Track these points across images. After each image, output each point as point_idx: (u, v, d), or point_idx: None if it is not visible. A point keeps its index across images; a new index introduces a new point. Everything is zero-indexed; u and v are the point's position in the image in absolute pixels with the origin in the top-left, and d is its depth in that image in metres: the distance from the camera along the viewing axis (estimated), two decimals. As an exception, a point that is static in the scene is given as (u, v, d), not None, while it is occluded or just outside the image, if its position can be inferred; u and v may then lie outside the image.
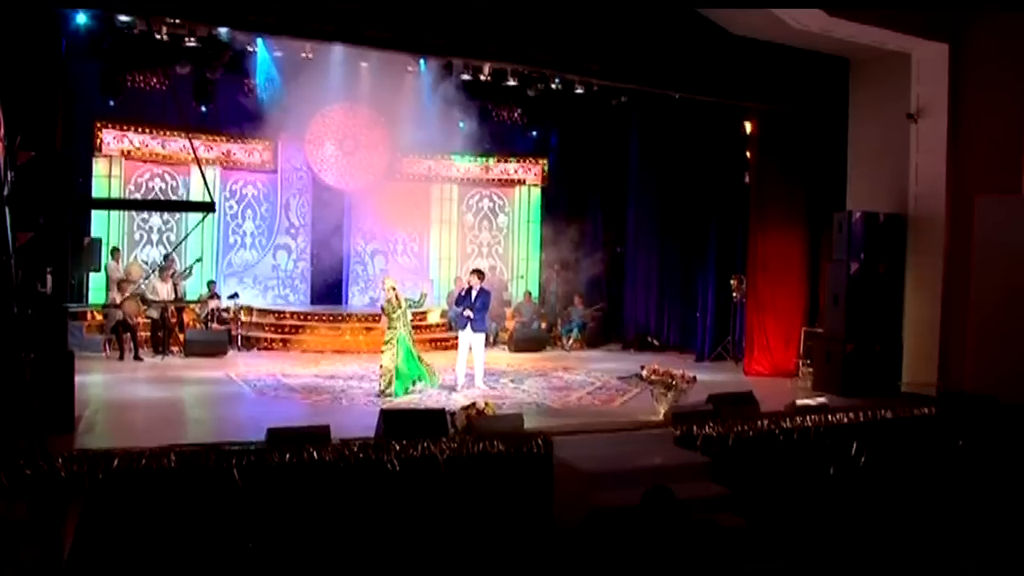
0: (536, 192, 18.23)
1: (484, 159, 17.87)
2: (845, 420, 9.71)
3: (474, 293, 11.33)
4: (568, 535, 7.38)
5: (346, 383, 11.42)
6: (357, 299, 17.29)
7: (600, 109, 15.97)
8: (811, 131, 12.49)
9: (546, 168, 18.04)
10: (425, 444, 7.49)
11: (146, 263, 14.62)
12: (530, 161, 18.10)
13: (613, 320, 16.74)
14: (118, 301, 12.56)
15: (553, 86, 14.98)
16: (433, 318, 16.14)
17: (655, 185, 15.80)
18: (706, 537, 5.89)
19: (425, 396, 10.67)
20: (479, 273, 11.63)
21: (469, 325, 11.32)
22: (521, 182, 18.20)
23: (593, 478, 7.52)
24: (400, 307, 10.93)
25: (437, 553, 7.21)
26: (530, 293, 17.09)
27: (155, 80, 14.97)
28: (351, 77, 14.99)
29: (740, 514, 7.72)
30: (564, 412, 9.96)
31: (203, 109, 14.81)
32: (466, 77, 14.52)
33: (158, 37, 12.37)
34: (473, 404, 8.55)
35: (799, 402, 9.74)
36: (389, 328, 10.90)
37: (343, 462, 7.16)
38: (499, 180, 18.21)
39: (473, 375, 11.43)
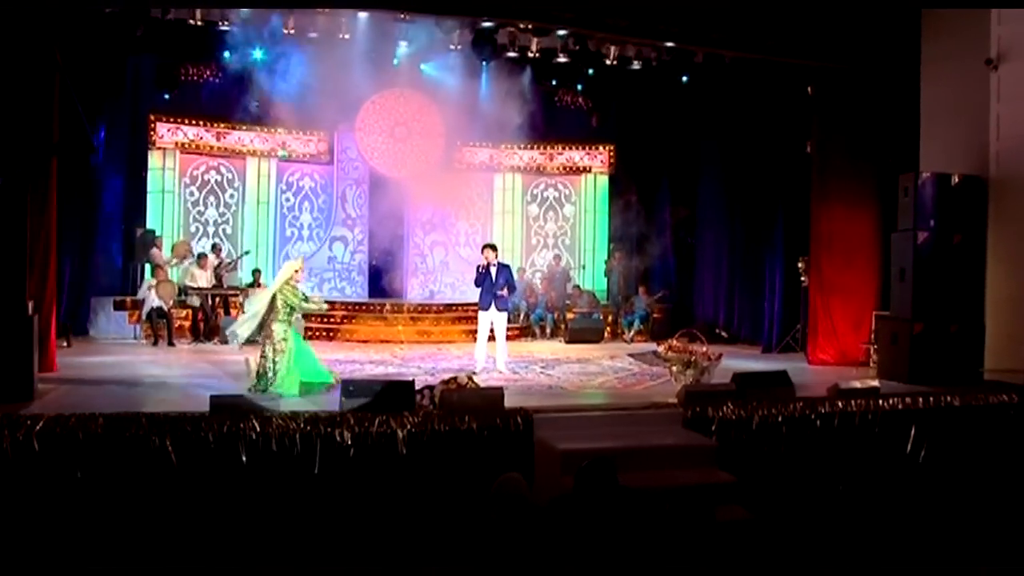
0: (603, 180, 17.32)
1: (548, 146, 17.15)
2: (900, 406, 8.42)
3: (493, 270, 10.58)
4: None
5: (360, 367, 10.86)
6: (416, 292, 16.82)
7: (662, 88, 15.04)
8: (878, 91, 11.16)
9: (612, 154, 17.09)
10: (383, 419, 6.80)
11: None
12: (596, 148, 17.23)
13: (681, 311, 15.61)
14: (153, 284, 12.45)
15: (608, 62, 14.19)
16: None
17: (721, 165, 14.66)
18: (692, 529, 4.90)
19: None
20: (493, 248, 10.87)
21: (493, 304, 10.57)
22: (587, 170, 17.35)
23: (568, 457, 6.61)
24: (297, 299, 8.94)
25: (393, 538, 6.49)
26: (578, 286, 16.17)
27: (209, 72, 14.98)
28: (391, 58, 14.54)
29: (748, 507, 6.67)
30: (574, 394, 9.05)
31: (255, 100, 14.71)
32: (512, 55, 13.87)
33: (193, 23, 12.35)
34: (454, 378, 7.79)
35: (843, 385, 8.50)
36: (278, 321, 8.76)
37: (287, 435, 6.55)
38: (564, 168, 17.42)
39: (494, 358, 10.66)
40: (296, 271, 9.11)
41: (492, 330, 10.74)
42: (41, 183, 8.90)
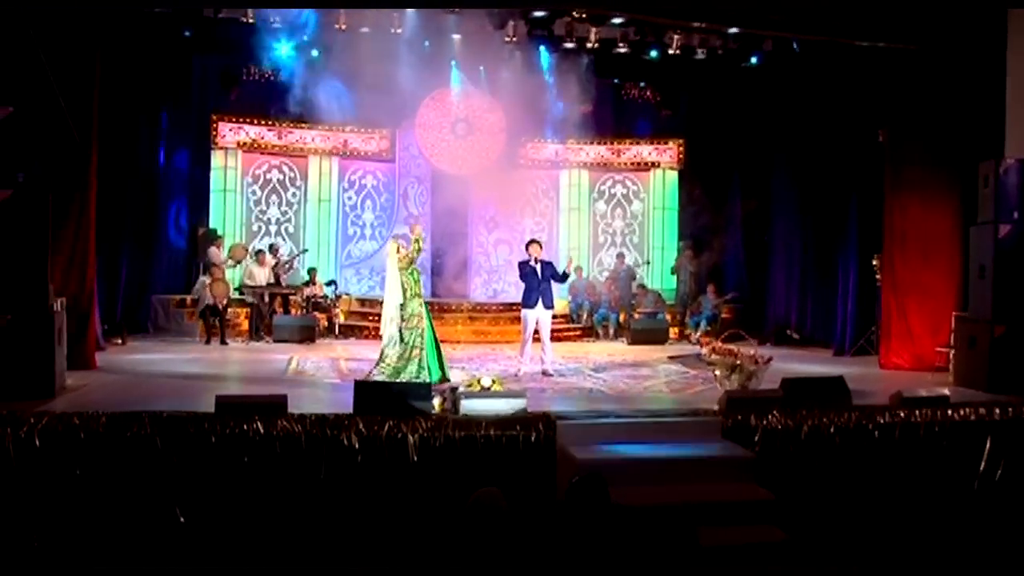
0: (672, 176, 16.66)
1: (615, 142, 16.64)
2: (972, 417, 7.64)
3: (538, 266, 10.14)
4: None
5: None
6: (479, 291, 16.52)
7: (731, 80, 14.44)
8: (955, 74, 10.24)
9: (682, 149, 16.43)
10: (393, 423, 6.46)
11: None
12: (665, 143, 16.59)
13: (752, 312, 14.85)
14: (207, 283, 12.48)
15: (671, 51, 13.61)
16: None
17: (793, 158, 13.86)
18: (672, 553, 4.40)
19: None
20: (538, 243, 10.43)
21: (540, 301, 10.14)
22: (656, 165, 16.71)
23: (586, 469, 6.13)
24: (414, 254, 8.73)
25: (400, 550, 6.15)
26: (643, 285, 15.51)
27: (270, 72, 15.00)
28: (450, 55, 14.30)
29: (787, 528, 6.07)
30: (615, 399, 8.52)
31: (317, 99, 14.66)
32: (569, 45, 13.43)
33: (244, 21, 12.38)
34: (478, 380, 7.39)
35: (907, 393, 7.75)
36: (409, 299, 8.65)
37: (292, 437, 6.28)
38: (632, 164, 16.83)
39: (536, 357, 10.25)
40: (419, 239, 8.78)
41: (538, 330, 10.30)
42: (80, 185, 8.93)
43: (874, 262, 11.77)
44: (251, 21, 12.39)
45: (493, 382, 7.30)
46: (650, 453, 6.54)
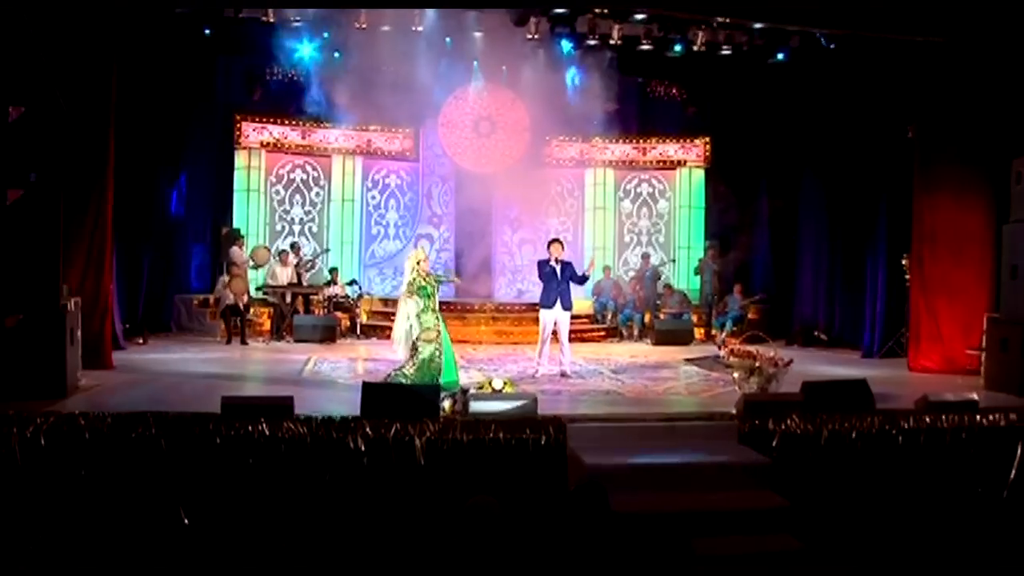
0: (699, 174, 16.41)
1: (641, 140, 16.43)
2: (1003, 423, 7.37)
3: (558, 266, 10.00)
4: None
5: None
6: (504, 291, 16.40)
7: (758, 77, 14.16)
8: (988, 68, 9.91)
9: (708, 147, 16.17)
10: (400, 426, 6.36)
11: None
12: (691, 140, 16.35)
13: (779, 312, 14.57)
14: (226, 281, 12.49)
15: (696, 48, 13.40)
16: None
17: (821, 155, 13.55)
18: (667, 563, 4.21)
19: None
20: (559, 243, 10.28)
21: (559, 301, 10.00)
22: (682, 163, 16.47)
23: (596, 475, 5.99)
24: (430, 283, 8.61)
25: (404, 553, 6.04)
26: (669, 285, 15.27)
27: (293, 72, 14.98)
28: (473, 53, 14.19)
29: (803, 536, 5.87)
30: (631, 401, 8.36)
31: (340, 98, 14.63)
32: (592, 42, 13.26)
33: (265, 20, 12.39)
34: (489, 382, 7.26)
35: (933, 397, 7.49)
36: (424, 312, 8.47)
37: (296, 439, 6.21)
38: (658, 162, 16.61)
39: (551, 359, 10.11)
40: (419, 261, 8.67)
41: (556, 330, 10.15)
42: (97, 186, 8.94)
43: (903, 261, 11.47)
44: (271, 21, 12.35)
45: (505, 384, 7.18)
46: (662, 459, 6.37)
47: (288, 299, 13.28)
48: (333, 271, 14.24)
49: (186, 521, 5.99)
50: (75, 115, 8.48)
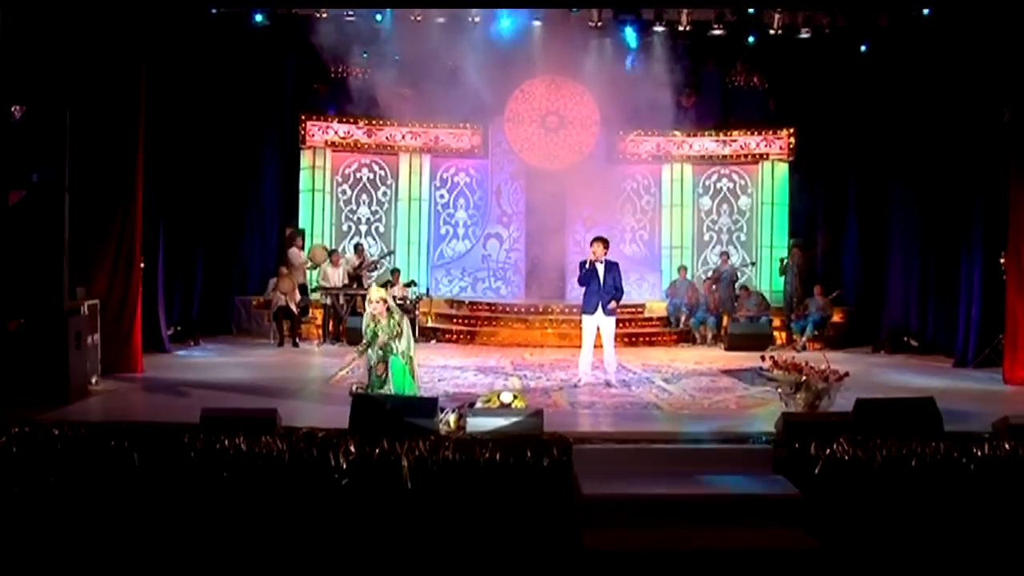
0: (782, 168, 15.31)
1: (721, 133, 15.47)
2: (1096, 451, 6.26)
3: (601, 268, 9.30)
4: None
5: (458, 375, 10.06)
6: (577, 291, 15.63)
7: (844, 63, 13.22)
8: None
9: (793, 139, 15.05)
10: (387, 444, 5.83)
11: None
12: (774, 132, 15.26)
13: (865, 316, 13.40)
14: (275, 281, 12.30)
15: (772, 32, 12.50)
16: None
17: (912, 145, 12.31)
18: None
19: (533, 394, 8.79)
20: (603, 242, 9.53)
21: (600, 307, 9.31)
22: (765, 157, 15.41)
23: (594, 507, 5.31)
24: (394, 317, 7.69)
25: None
26: (746, 286, 14.23)
27: (358, 70, 14.72)
28: (539, 45, 13.61)
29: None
30: (667, 417, 7.64)
31: (404, 95, 14.31)
32: (659, 29, 12.50)
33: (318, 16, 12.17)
34: (497, 395, 6.64)
35: (1015, 419, 6.44)
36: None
37: (273, 454, 5.77)
38: (739, 156, 15.60)
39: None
40: (379, 300, 7.75)
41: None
42: (124, 193, 8.78)
43: (1001, 261, 10.22)
44: (325, 15, 12.12)
45: (515, 398, 6.55)
46: (677, 488, 5.63)
47: (341, 300, 12.96)
48: (395, 272, 13.86)
49: (159, 537, 5.64)
50: (103, 120, 8.36)
